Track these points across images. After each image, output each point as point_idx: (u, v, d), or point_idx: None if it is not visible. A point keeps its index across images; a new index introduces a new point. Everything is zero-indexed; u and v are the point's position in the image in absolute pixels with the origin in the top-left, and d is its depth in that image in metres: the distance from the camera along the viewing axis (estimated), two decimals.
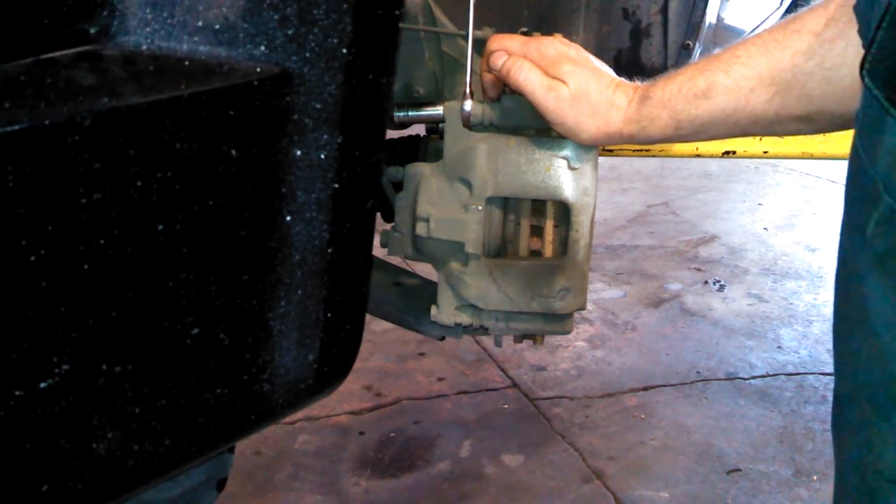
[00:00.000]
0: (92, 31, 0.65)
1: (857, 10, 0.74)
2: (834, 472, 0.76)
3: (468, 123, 1.06)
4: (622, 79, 1.02)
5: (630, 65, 1.89)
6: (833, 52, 0.84)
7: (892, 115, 0.60)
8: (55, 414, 0.66)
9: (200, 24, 0.68)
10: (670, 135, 0.98)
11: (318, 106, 0.74)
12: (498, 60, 1.02)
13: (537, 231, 1.09)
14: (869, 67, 0.64)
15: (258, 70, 0.70)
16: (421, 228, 1.07)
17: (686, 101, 0.94)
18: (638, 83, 1.01)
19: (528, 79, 0.99)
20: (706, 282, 3.49)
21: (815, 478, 2.20)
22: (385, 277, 1.33)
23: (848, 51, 0.82)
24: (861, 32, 0.72)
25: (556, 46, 1.03)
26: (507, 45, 1.04)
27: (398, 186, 1.15)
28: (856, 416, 0.69)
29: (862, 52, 0.68)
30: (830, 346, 0.75)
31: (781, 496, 2.14)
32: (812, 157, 2.31)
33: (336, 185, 0.77)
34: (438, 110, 1.17)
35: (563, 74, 0.99)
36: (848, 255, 0.69)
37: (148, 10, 0.67)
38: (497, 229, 1.08)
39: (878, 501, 0.67)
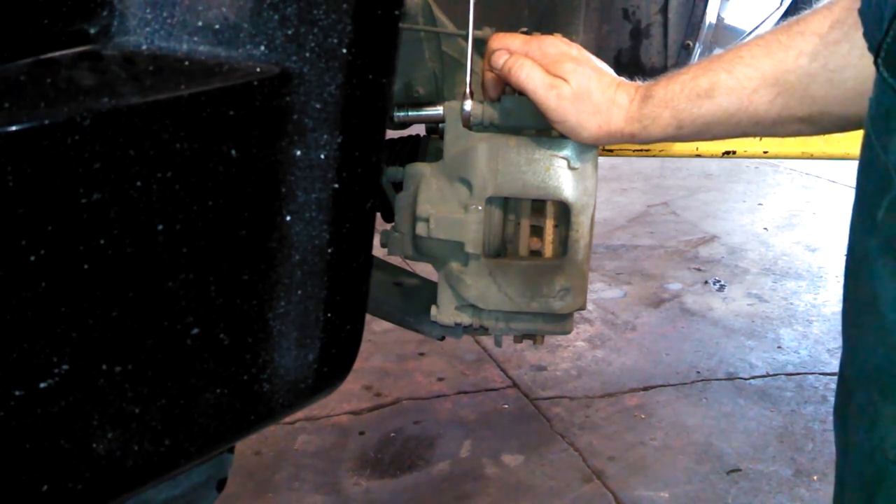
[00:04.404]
0: (92, 31, 0.65)
1: (862, 12, 0.74)
2: (835, 458, 0.76)
3: (468, 123, 1.06)
4: (623, 78, 1.02)
5: (630, 65, 1.89)
6: (837, 54, 0.84)
7: None
8: (55, 414, 0.66)
9: (200, 24, 0.68)
10: (672, 134, 0.98)
11: (318, 106, 0.74)
12: (499, 59, 1.02)
13: (537, 231, 1.08)
14: (884, 56, 0.64)
15: (258, 70, 0.70)
16: (421, 228, 1.07)
17: (688, 100, 0.94)
18: (639, 83, 1.01)
19: (530, 77, 0.99)
20: (706, 282, 3.49)
21: (815, 478, 2.20)
22: (385, 277, 1.33)
23: (852, 53, 0.82)
24: (866, 35, 0.72)
25: (557, 45, 1.03)
26: (508, 43, 1.04)
27: (398, 186, 1.14)
28: (862, 399, 0.70)
29: (866, 54, 0.68)
30: (830, 346, 0.75)
31: (781, 496, 2.14)
32: (812, 157, 2.31)
33: (336, 185, 0.77)
34: (438, 110, 1.17)
35: (564, 73, 0.99)
36: (858, 242, 0.69)
37: (148, 10, 0.66)
38: (497, 229, 1.08)
39: (884, 483, 0.67)
